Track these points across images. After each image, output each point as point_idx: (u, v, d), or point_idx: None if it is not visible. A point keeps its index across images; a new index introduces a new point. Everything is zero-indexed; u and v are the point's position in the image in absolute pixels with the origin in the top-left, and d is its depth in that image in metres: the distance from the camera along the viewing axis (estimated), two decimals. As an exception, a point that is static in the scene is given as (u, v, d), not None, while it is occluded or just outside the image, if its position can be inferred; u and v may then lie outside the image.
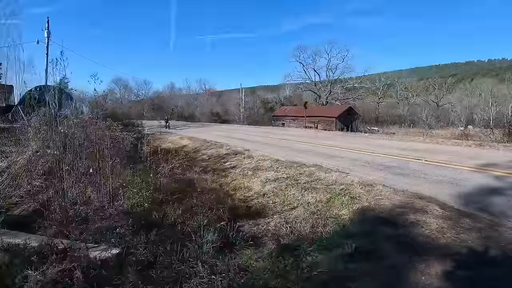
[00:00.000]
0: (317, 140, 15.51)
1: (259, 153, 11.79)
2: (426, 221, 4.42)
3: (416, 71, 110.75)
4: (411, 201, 5.35)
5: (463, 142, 13.56)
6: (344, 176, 7.32)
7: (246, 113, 47.54)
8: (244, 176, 9.26)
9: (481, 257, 3.35)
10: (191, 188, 7.09)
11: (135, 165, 5.59)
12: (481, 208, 4.91)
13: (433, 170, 7.55)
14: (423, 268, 3.09)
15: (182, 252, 3.19)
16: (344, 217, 5.33)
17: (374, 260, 3.32)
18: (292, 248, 3.76)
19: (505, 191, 5.65)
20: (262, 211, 6.64)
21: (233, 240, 4.46)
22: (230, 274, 2.84)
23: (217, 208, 5.96)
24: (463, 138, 21.66)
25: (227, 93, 68.37)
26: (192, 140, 18.66)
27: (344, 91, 50.89)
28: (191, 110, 61.11)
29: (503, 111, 30.07)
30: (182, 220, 4.53)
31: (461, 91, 63.18)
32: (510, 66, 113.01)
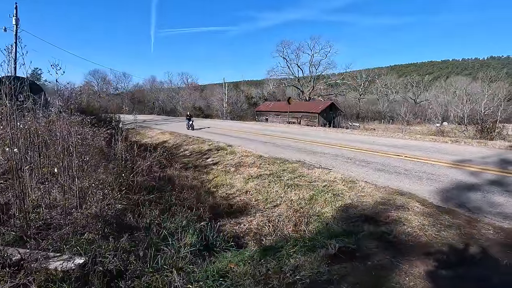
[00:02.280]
0: (300, 135, 15.48)
1: (242, 148, 11.60)
2: (407, 218, 4.41)
3: (395, 69, 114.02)
4: (393, 197, 5.36)
5: (440, 139, 13.98)
6: (327, 173, 7.28)
7: (229, 108, 46.99)
8: (226, 173, 9.06)
9: (462, 255, 3.36)
10: (171, 186, 6.80)
11: (109, 163, 5.24)
12: (459, 204, 4.99)
13: (413, 166, 7.66)
14: (407, 269, 3.04)
15: (157, 258, 2.95)
16: (327, 215, 5.27)
17: (357, 260, 3.23)
18: (274, 249, 3.61)
19: (481, 187, 5.79)
20: (245, 209, 6.49)
21: (213, 241, 4.28)
22: (208, 282, 2.65)
23: (198, 207, 5.74)
24: (439, 134, 22.45)
25: (210, 87, 67.37)
26: (174, 135, 18.16)
27: (327, 87, 51.45)
28: (173, 104, 59.73)
29: (476, 108, 31.51)
30: (158, 221, 4.27)
31: (437, 88, 65.59)
32: (482, 65, 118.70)
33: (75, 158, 3.48)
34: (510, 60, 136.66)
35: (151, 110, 60.64)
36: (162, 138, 18.09)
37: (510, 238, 3.76)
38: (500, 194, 5.36)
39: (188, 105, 55.16)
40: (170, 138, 17.53)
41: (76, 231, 3.08)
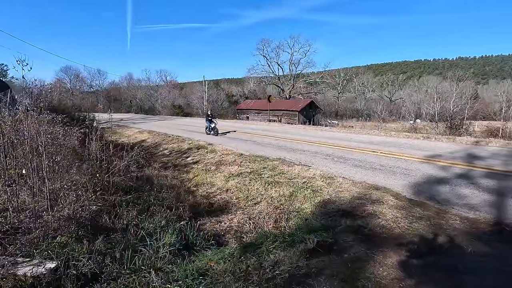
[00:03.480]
0: (280, 133, 15.62)
1: (223, 147, 11.55)
2: (382, 211, 4.60)
3: (372, 68, 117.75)
4: (369, 192, 5.56)
5: (413, 135, 14.63)
6: (306, 169, 7.41)
7: (209, 106, 46.49)
8: (207, 172, 8.99)
9: (431, 245, 3.55)
10: (149, 186, 6.65)
11: (82, 163, 5.03)
12: (429, 197, 5.26)
13: (388, 161, 7.97)
14: (381, 259, 3.17)
15: (134, 259, 2.89)
16: (306, 211, 5.38)
17: (334, 253, 3.33)
18: (254, 246, 3.65)
19: (449, 180, 6.13)
20: (225, 207, 6.48)
21: (193, 240, 4.24)
22: (188, 281, 2.63)
23: (177, 206, 5.66)
24: (412, 131, 23.48)
25: (189, 85, 66.23)
26: (152, 134, 17.74)
27: (306, 86, 52.17)
28: (151, 102, 58.21)
29: (446, 106, 33.26)
30: (136, 222, 4.17)
31: (410, 87, 68.50)
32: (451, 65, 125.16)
33: (45, 158, 3.31)
34: (476, 60, 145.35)
35: (128, 108, 58.77)
36: (140, 137, 17.61)
37: (474, 227, 4.02)
38: (466, 186, 5.71)
39: (167, 103, 54.00)
40: (149, 137, 17.11)
41: (47, 235, 2.95)
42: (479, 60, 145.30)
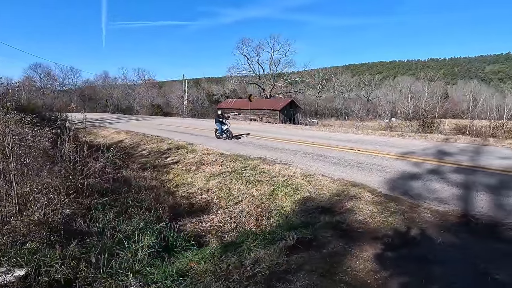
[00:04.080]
0: (261, 132, 15.69)
1: (204, 147, 11.44)
2: (359, 207, 4.75)
3: (350, 68, 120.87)
4: (347, 189, 5.72)
5: (388, 133, 15.20)
6: (287, 168, 7.51)
7: (190, 106, 45.86)
8: (187, 172, 8.87)
9: (404, 237, 3.72)
10: (127, 188, 6.47)
11: (54, 165, 4.80)
12: (403, 192, 5.50)
13: (365, 159, 8.24)
14: (357, 253, 3.28)
15: (111, 263, 2.81)
16: (287, 208, 5.45)
17: (314, 249, 3.41)
18: (235, 245, 3.66)
19: (422, 176, 6.44)
20: (206, 207, 6.44)
21: (173, 241, 4.18)
22: (167, 282, 2.59)
23: (157, 208, 5.55)
24: (388, 129, 24.38)
25: (169, 84, 64.80)
26: (130, 134, 17.23)
27: (287, 85, 52.70)
28: (129, 102, 56.51)
29: (419, 105, 34.85)
30: (113, 225, 4.05)
31: (386, 87, 71.02)
32: (423, 66, 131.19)
33: (12, 161, 3.12)
34: (446, 62, 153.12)
35: (104, 108, 56.69)
36: (117, 137, 17.05)
37: (444, 220, 4.26)
38: (437, 181, 6.02)
39: (145, 102, 52.64)
40: (126, 137, 16.61)
41: (15, 241, 2.79)
42: (449, 62, 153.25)
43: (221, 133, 13.02)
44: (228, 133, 12.84)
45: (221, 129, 12.97)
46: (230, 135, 12.84)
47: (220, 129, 12.99)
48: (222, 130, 12.96)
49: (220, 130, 13.06)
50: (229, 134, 12.83)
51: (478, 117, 36.77)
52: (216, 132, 13.54)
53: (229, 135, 12.82)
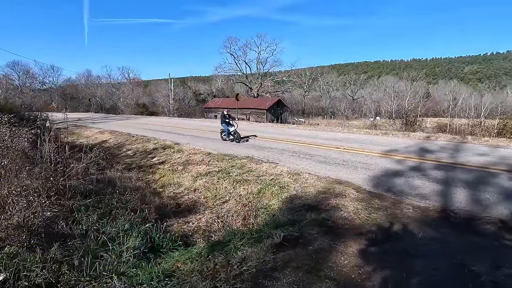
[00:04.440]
0: (248, 132, 15.71)
1: (190, 146, 11.34)
2: (344, 204, 4.85)
3: (335, 68, 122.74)
4: (333, 186, 5.82)
5: (373, 131, 15.55)
6: (274, 167, 7.55)
7: (176, 105, 45.26)
8: (173, 172, 8.77)
9: (387, 232, 3.83)
10: (111, 189, 6.33)
11: (34, 166, 4.64)
12: (387, 189, 5.65)
13: (350, 157, 8.40)
14: (342, 249, 3.36)
15: (95, 265, 2.75)
16: (274, 207, 5.49)
17: (300, 246, 3.46)
18: (222, 244, 3.66)
19: (404, 173, 6.63)
20: (193, 207, 6.40)
21: (159, 242, 4.13)
22: (153, 283, 2.57)
23: (142, 208, 5.47)
24: (372, 127, 24.92)
25: (154, 83, 63.78)
26: (114, 134, 16.85)
27: (274, 84, 52.91)
28: (113, 101, 55.20)
29: (402, 104, 35.81)
30: (97, 227, 3.96)
31: (371, 86, 72.52)
32: (406, 66, 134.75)
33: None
34: (428, 62, 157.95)
35: (87, 107, 55.12)
36: (101, 137, 16.64)
37: (425, 215, 4.41)
38: (419, 178, 6.21)
39: (130, 102, 51.57)
40: (111, 137, 16.23)
41: (-8, 246, 2.69)
42: (430, 62, 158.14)
43: (228, 135, 11.76)
44: (236, 135, 11.51)
45: (227, 130, 11.69)
46: (238, 137, 11.51)
47: (227, 131, 11.72)
48: (228, 132, 11.69)
49: (226, 132, 11.80)
50: (236, 136, 11.51)
51: (458, 115, 38.18)
52: (222, 134, 12.34)
53: (236, 137, 11.50)
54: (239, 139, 11.45)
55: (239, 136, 11.49)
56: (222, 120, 11.84)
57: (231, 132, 11.57)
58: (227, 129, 11.64)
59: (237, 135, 11.46)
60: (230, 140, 11.62)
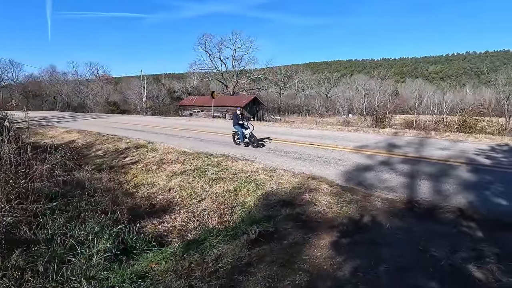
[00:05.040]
0: (225, 129, 15.61)
1: (165, 145, 11.08)
2: (318, 198, 4.99)
3: (310, 66, 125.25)
4: (307, 182, 5.97)
5: (346, 128, 16.09)
6: (250, 164, 7.59)
7: (149, 103, 43.85)
8: (147, 172, 8.54)
9: (357, 224, 4.01)
10: (80, 191, 6.04)
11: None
12: (358, 183, 5.89)
13: (324, 153, 8.64)
14: (316, 242, 3.47)
15: (62, 271, 2.63)
16: (250, 204, 5.54)
17: (275, 241, 3.53)
18: (198, 243, 3.64)
19: (374, 167, 6.95)
20: (168, 207, 6.29)
21: (132, 244, 4.02)
22: (125, 285, 2.50)
23: (114, 210, 5.28)
24: (345, 124, 25.77)
25: (126, 80, 61.37)
26: (83, 134, 16.04)
27: (250, 82, 52.92)
28: (81, 99, 52.37)
29: (373, 102, 37.36)
30: (64, 231, 3.78)
31: (344, 84, 74.76)
32: (376, 65, 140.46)
33: None
34: (396, 61, 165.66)
35: (52, 105, 51.84)
36: (68, 137, 15.76)
37: (392, 206, 4.66)
38: (387, 172, 6.54)
39: (100, 99, 49.22)
40: (79, 137, 15.43)
41: None
42: (398, 61, 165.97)
43: (242, 138, 9.96)
44: (252, 138, 9.73)
45: (241, 133, 9.86)
46: (255, 142, 9.72)
47: (241, 134, 9.86)
48: (243, 135, 9.87)
49: (240, 135, 9.94)
50: (253, 140, 9.72)
51: (423, 112, 40.52)
52: (234, 137, 10.53)
53: (253, 141, 9.71)
54: (257, 144, 9.70)
55: (256, 140, 9.77)
56: (234, 121, 9.99)
57: (246, 135, 9.82)
58: (242, 132, 9.83)
59: (253, 138, 9.75)
60: (245, 144, 9.92)
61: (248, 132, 9.71)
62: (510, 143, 9.48)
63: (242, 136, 9.89)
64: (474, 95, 58.28)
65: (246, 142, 9.86)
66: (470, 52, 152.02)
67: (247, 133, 9.74)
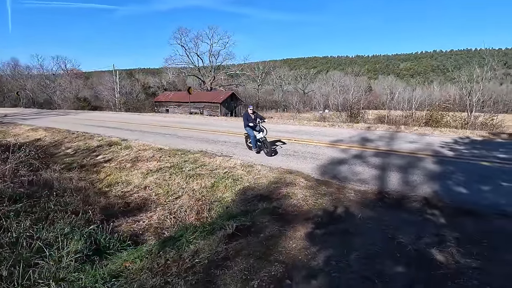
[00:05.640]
0: (202, 126, 15.42)
1: (140, 142, 10.76)
2: (294, 192, 5.10)
3: (287, 62, 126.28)
4: (284, 176, 6.07)
5: (322, 123, 16.47)
6: (228, 160, 7.58)
7: (123, 99, 42.19)
8: (121, 170, 8.27)
9: (332, 215, 4.15)
10: (47, 191, 5.74)
11: None
12: (332, 176, 6.08)
13: (300, 148, 8.81)
14: (291, 234, 3.56)
15: (28, 274, 2.51)
16: (227, 199, 5.55)
17: (252, 235, 3.58)
18: (174, 239, 3.60)
19: (348, 161, 7.19)
20: (144, 205, 6.15)
21: (106, 244, 3.91)
22: (98, 285, 2.44)
23: (86, 210, 5.09)
24: (321, 120, 26.37)
25: (97, 75, 58.28)
26: (50, 131, 15.18)
27: (227, 78, 52.47)
28: (47, 94, 49.36)
29: (347, 98, 38.50)
30: (30, 233, 3.59)
31: (320, 81, 76.18)
32: (351, 62, 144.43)
33: None
34: (369, 59, 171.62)
35: (15, 102, 48.46)
36: (33, 135, 14.86)
37: (364, 197, 4.86)
38: (360, 165, 6.80)
39: (69, 95, 46.66)
40: (46, 135, 14.59)
41: None
42: (371, 58, 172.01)
43: (254, 143, 8.31)
44: (265, 144, 8.10)
45: (253, 137, 8.21)
46: (269, 148, 7.99)
47: (253, 137, 8.24)
48: (255, 139, 8.24)
49: (252, 139, 8.29)
50: (266, 146, 8.08)
51: (394, 108, 42.35)
52: (247, 141, 8.89)
53: (266, 146, 8.08)
54: (270, 151, 7.99)
55: (269, 146, 8.01)
56: (245, 122, 8.30)
57: (258, 140, 8.26)
58: (253, 135, 8.21)
59: (266, 144, 8.06)
60: (257, 150, 8.34)
61: (261, 136, 8.16)
62: (471, 136, 10.18)
63: (254, 141, 8.29)
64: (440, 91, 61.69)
65: (259, 147, 8.35)
66: (437, 51, 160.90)
67: (259, 137, 8.18)
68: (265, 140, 8.12)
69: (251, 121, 8.19)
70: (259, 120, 8.17)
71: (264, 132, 8.25)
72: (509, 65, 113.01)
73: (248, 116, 8.31)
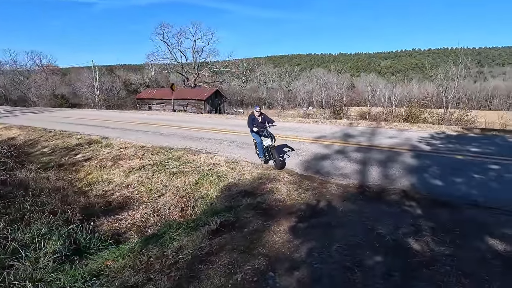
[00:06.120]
0: (186, 123, 15.23)
1: (121, 140, 10.51)
2: (278, 187, 5.16)
3: (272, 59, 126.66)
4: (268, 172, 6.12)
5: (305, 120, 16.67)
6: (212, 157, 7.55)
7: (103, 96, 40.86)
8: (102, 168, 8.05)
9: (314, 209, 4.24)
10: (23, 191, 5.52)
11: None
12: (316, 171, 6.19)
13: (283, 144, 8.88)
14: (275, 228, 3.61)
15: (3, 276, 2.42)
16: (211, 196, 5.54)
17: (236, 230, 3.60)
18: (157, 237, 3.57)
19: (330, 156, 7.34)
20: (126, 204, 6.03)
21: (86, 243, 3.81)
22: (78, 284, 2.39)
23: (64, 210, 4.94)
24: (305, 116, 26.69)
25: (75, 71, 56.01)
26: (25, 130, 14.53)
27: (211, 74, 51.87)
28: (21, 91, 47.01)
29: (330, 95, 39.15)
30: (5, 235, 3.45)
31: (304, 78, 76.92)
32: (334, 59, 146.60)
33: None
34: (352, 56, 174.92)
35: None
36: (6, 134, 14.18)
37: (346, 191, 4.99)
38: (342, 160, 6.95)
39: (45, 92, 44.65)
40: (20, 133, 13.95)
41: None
42: (354, 56, 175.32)
43: (262, 151, 6.99)
44: (272, 152, 6.63)
45: (260, 144, 6.89)
46: (276, 159, 6.53)
47: (259, 145, 6.92)
48: (262, 147, 6.89)
49: (259, 146, 6.99)
50: (273, 156, 6.64)
51: (376, 104, 43.51)
52: (257, 149, 7.28)
53: (273, 157, 6.64)
54: (279, 163, 6.53)
55: (277, 158, 6.55)
56: (250, 126, 6.87)
57: (266, 148, 6.83)
58: (260, 142, 6.87)
59: (273, 154, 6.61)
60: (264, 160, 7.06)
61: (268, 144, 6.69)
62: (447, 131, 10.64)
63: (262, 148, 6.95)
64: (419, 89, 63.77)
65: (266, 156, 7.01)
66: (416, 49, 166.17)
67: (267, 145, 6.74)
68: (272, 149, 6.65)
69: (256, 124, 6.87)
70: (268, 124, 6.86)
71: (273, 140, 6.74)
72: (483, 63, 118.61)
73: (253, 119, 6.91)
